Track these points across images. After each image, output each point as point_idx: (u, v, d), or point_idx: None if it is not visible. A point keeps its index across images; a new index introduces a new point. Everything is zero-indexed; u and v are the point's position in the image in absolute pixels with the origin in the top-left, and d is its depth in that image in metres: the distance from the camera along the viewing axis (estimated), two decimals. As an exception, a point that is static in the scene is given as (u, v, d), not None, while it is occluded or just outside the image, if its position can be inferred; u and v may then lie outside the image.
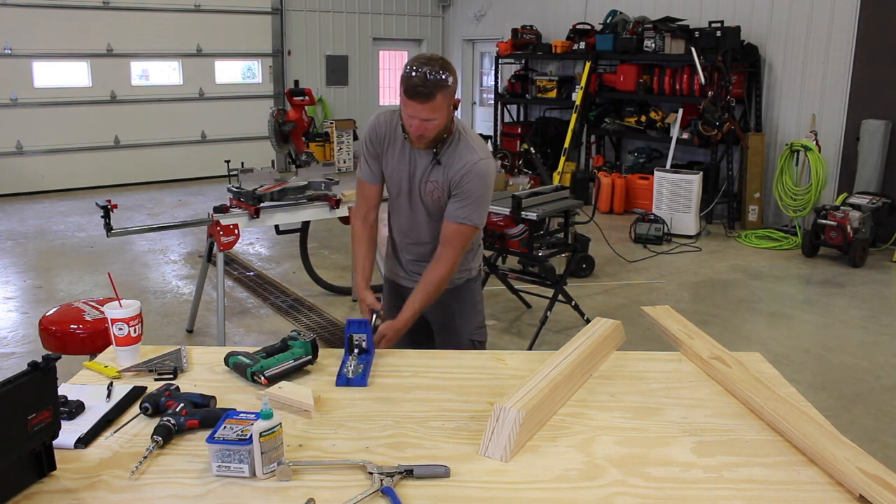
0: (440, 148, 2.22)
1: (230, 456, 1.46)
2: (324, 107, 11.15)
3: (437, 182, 2.25)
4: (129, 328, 1.97)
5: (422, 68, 2.02)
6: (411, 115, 2.08)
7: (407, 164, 2.29)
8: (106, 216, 3.93)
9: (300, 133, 4.75)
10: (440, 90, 2.03)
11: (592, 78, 8.77)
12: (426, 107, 2.04)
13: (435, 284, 2.29)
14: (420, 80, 2.01)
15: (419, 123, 2.09)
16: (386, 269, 2.63)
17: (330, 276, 5.62)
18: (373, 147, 2.34)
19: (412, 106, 2.05)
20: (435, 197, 2.28)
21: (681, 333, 2.16)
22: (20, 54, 8.76)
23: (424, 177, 2.27)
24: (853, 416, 3.64)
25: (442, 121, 2.11)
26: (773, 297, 5.52)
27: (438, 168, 2.24)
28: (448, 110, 2.11)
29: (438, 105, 2.05)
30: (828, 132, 7.13)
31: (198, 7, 9.85)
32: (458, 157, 2.22)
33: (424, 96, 2.02)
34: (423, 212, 2.34)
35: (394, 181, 2.35)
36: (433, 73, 2.02)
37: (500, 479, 1.48)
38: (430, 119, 2.08)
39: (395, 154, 2.31)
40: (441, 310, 2.45)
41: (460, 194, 2.22)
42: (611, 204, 8.32)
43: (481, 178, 2.22)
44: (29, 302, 5.26)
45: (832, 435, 1.59)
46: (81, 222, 7.61)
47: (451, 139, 2.23)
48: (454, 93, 2.11)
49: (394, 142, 2.30)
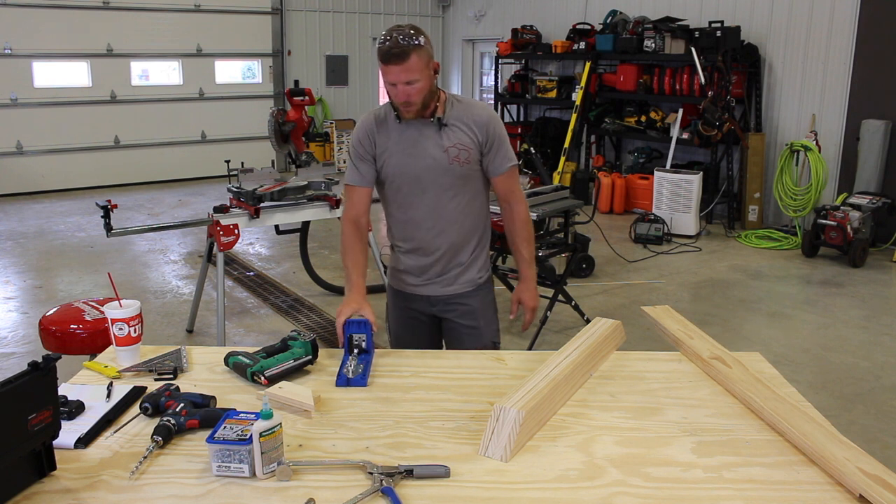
0: (438, 112, 2.20)
1: (230, 456, 1.46)
2: (324, 107, 11.15)
3: (461, 143, 2.21)
4: (129, 328, 1.97)
5: (392, 34, 2.05)
6: (392, 81, 2.08)
7: (411, 143, 2.22)
8: (106, 216, 3.93)
9: (300, 133, 4.76)
10: (414, 50, 2.04)
11: (592, 78, 8.77)
12: (403, 68, 2.04)
13: (526, 224, 2.35)
14: (393, 44, 2.03)
15: (402, 88, 2.08)
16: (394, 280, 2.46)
17: (330, 276, 5.62)
18: (362, 147, 2.28)
19: (391, 71, 2.06)
20: (462, 160, 2.22)
21: (681, 333, 2.16)
22: (20, 54, 8.76)
23: (441, 145, 2.20)
24: (853, 416, 3.64)
25: (425, 83, 2.10)
26: (773, 297, 5.52)
27: (449, 131, 2.20)
28: (427, 71, 2.10)
29: (415, 65, 2.05)
30: (828, 132, 7.13)
31: (198, 7, 9.85)
32: (468, 110, 2.23)
33: (399, 57, 2.03)
34: (451, 187, 2.24)
35: (399, 168, 2.25)
36: (404, 37, 2.04)
37: (500, 479, 1.48)
38: (411, 81, 2.07)
39: (392, 139, 2.24)
40: (465, 312, 2.39)
41: (493, 142, 2.24)
42: (611, 204, 8.32)
43: (498, 119, 2.28)
44: (29, 302, 5.26)
45: (832, 435, 1.58)
46: (81, 222, 7.61)
47: (448, 103, 2.22)
48: (430, 55, 2.10)
49: (383, 131, 2.25)
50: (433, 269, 2.35)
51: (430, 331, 2.45)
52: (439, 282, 2.36)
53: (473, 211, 2.33)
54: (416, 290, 2.40)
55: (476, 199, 2.33)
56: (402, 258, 2.39)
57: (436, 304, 2.40)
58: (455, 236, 2.31)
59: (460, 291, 2.37)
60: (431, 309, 2.41)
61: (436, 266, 2.34)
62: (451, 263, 2.34)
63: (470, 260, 2.36)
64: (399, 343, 2.47)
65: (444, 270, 2.35)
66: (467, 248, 2.35)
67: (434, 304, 2.40)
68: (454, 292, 2.37)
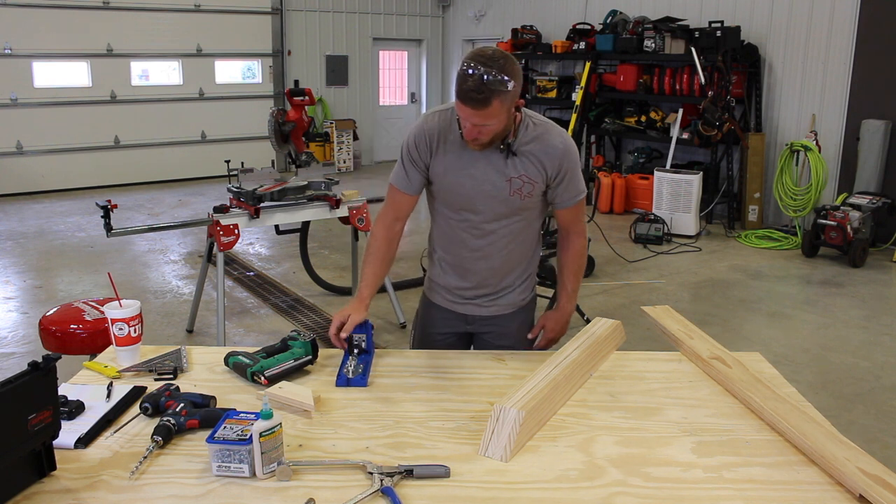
0: (510, 140, 1.98)
1: (230, 456, 1.46)
2: (324, 107, 11.15)
3: (527, 176, 2.00)
4: (129, 328, 1.96)
5: (479, 69, 1.76)
6: (464, 118, 1.88)
7: (472, 164, 2.02)
8: (106, 216, 3.93)
9: (300, 133, 4.75)
10: (497, 96, 1.77)
11: (592, 78, 8.77)
12: (480, 113, 1.81)
13: (580, 257, 2.23)
14: (475, 85, 1.76)
15: (472, 128, 1.88)
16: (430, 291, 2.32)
17: (330, 276, 5.62)
18: (417, 151, 2.06)
19: (465, 110, 1.83)
20: (524, 194, 2.02)
21: (681, 333, 2.16)
22: (20, 54, 8.76)
23: (505, 174, 2.00)
24: (853, 416, 3.64)
25: (499, 126, 1.89)
26: (773, 297, 5.52)
27: (522, 160, 2.00)
28: (507, 115, 1.87)
29: (494, 111, 1.81)
30: (828, 132, 7.13)
31: (198, 7, 9.85)
32: (546, 138, 2.01)
33: (479, 102, 1.78)
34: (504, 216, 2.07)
35: (454, 187, 2.05)
36: (491, 75, 1.76)
37: (500, 479, 1.48)
38: (484, 125, 1.86)
39: (453, 154, 2.03)
40: (502, 333, 2.24)
41: (565, 175, 2.03)
42: (611, 204, 8.32)
43: (573, 151, 2.07)
44: (29, 302, 5.26)
45: (832, 435, 1.58)
46: (81, 222, 7.61)
47: (523, 126, 2.00)
48: (516, 96, 1.85)
49: (446, 142, 2.03)
50: (472, 290, 2.21)
51: (460, 348, 2.30)
52: (479, 302, 2.22)
53: (525, 239, 2.17)
54: (453, 307, 2.26)
55: (530, 227, 2.16)
56: (440, 272, 2.24)
57: (472, 323, 2.26)
58: (499, 262, 2.15)
59: (500, 313, 2.23)
60: (466, 327, 2.28)
61: (475, 288, 2.20)
62: (492, 286, 2.20)
63: (515, 284, 2.22)
64: None
65: (485, 293, 2.21)
66: (512, 274, 2.20)
67: (470, 323, 2.27)
68: (494, 314, 2.23)
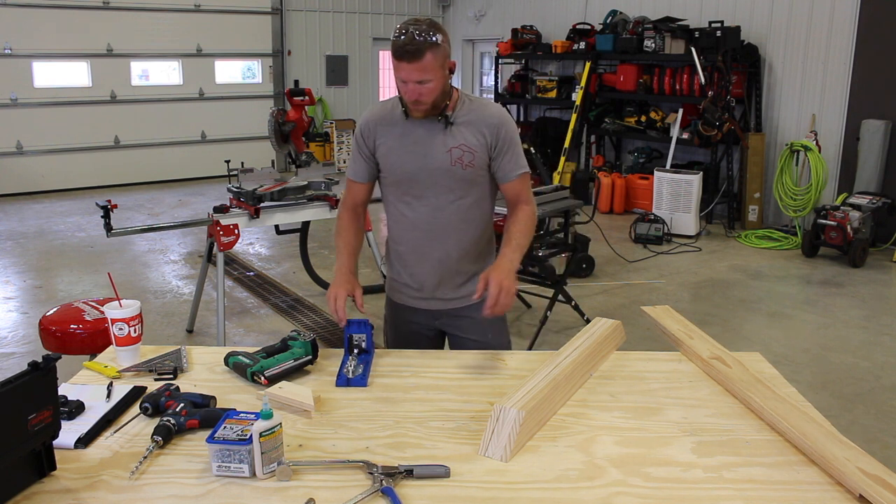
0: (447, 111, 2.08)
1: (230, 456, 1.46)
2: (324, 107, 11.15)
3: (466, 145, 2.08)
4: (129, 328, 1.96)
5: (408, 28, 1.93)
6: (404, 78, 1.97)
7: (413, 141, 2.11)
8: (106, 216, 3.93)
9: (300, 133, 4.76)
10: (429, 48, 1.92)
11: (592, 78, 8.77)
12: (416, 67, 1.93)
13: (530, 218, 2.16)
14: (408, 40, 1.91)
15: (413, 87, 1.97)
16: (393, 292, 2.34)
17: (330, 277, 5.58)
18: (363, 140, 2.18)
19: (403, 68, 1.95)
20: (465, 163, 2.09)
21: (681, 333, 2.16)
22: (20, 54, 8.76)
23: (445, 145, 2.09)
24: (853, 416, 3.64)
25: (437, 83, 1.98)
26: (773, 297, 5.52)
27: (456, 131, 2.08)
28: (442, 72, 1.98)
29: (429, 65, 1.93)
30: (828, 132, 7.13)
31: (198, 7, 9.85)
32: (480, 111, 2.11)
33: (413, 55, 1.91)
34: (450, 190, 2.12)
35: (398, 166, 2.14)
36: (421, 33, 1.91)
37: (500, 479, 1.48)
38: (423, 81, 1.96)
39: (394, 136, 2.13)
40: (471, 326, 2.25)
41: (504, 145, 2.11)
42: (611, 204, 8.32)
43: (510, 122, 2.14)
44: (29, 302, 5.26)
45: (832, 435, 1.58)
46: (81, 222, 7.61)
47: (460, 102, 2.11)
48: (447, 54, 1.98)
49: (387, 126, 2.14)
50: (431, 279, 2.21)
51: (434, 346, 2.31)
52: (441, 294, 2.23)
53: (476, 217, 2.19)
54: (417, 304, 2.27)
55: (479, 206, 2.19)
56: (400, 268, 2.27)
57: (439, 318, 2.27)
58: (453, 244, 2.17)
59: (466, 304, 2.22)
60: (435, 322, 2.28)
61: (433, 276, 2.21)
62: (451, 273, 2.20)
63: (475, 270, 2.19)
64: None
65: (444, 281, 2.21)
66: (467, 259, 2.21)
67: (437, 318, 2.27)
68: (459, 305, 2.23)
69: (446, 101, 2.08)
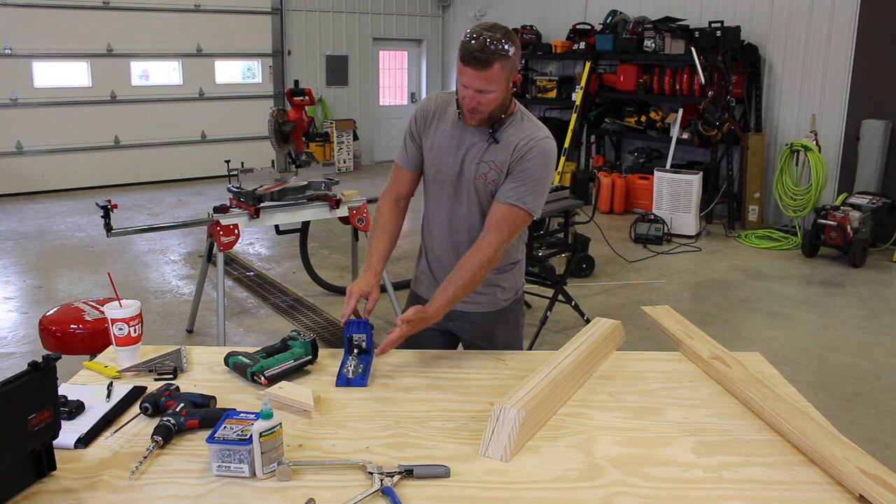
0: (498, 126, 2.03)
1: (230, 456, 1.46)
2: (324, 107, 11.15)
3: (494, 163, 2.03)
4: (129, 328, 1.96)
5: (482, 34, 1.87)
6: (466, 84, 1.92)
7: (456, 143, 2.07)
8: (106, 216, 3.93)
9: (300, 133, 4.75)
10: (499, 59, 1.87)
11: (592, 78, 8.78)
12: (482, 75, 1.88)
13: (472, 272, 1.99)
14: (479, 46, 1.86)
15: (473, 94, 1.93)
16: (414, 283, 2.35)
17: (330, 276, 5.62)
18: (416, 126, 2.15)
19: (467, 73, 1.90)
20: (489, 180, 2.04)
21: (681, 333, 2.16)
22: (20, 54, 8.76)
23: (478, 157, 2.04)
24: (853, 416, 3.64)
25: (499, 95, 1.93)
26: (773, 297, 5.52)
27: (495, 147, 2.03)
28: (506, 84, 1.93)
29: (495, 75, 1.88)
30: (828, 132, 7.13)
31: (198, 7, 9.85)
32: (521, 131, 2.03)
33: (480, 62, 1.86)
34: (468, 202, 2.09)
35: (436, 164, 2.11)
36: (494, 41, 1.86)
37: (500, 479, 1.48)
38: (485, 90, 1.91)
39: (443, 132, 2.10)
40: (482, 334, 2.23)
41: (520, 171, 2.01)
42: (611, 204, 8.32)
43: (544, 157, 2.02)
44: (29, 302, 5.26)
45: (832, 435, 1.58)
46: (81, 222, 7.61)
47: (513, 118, 2.05)
48: (515, 67, 1.93)
49: (441, 120, 2.11)
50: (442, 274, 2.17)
51: (446, 347, 2.27)
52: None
53: None
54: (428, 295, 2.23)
55: None
56: (424, 261, 2.28)
57: (453, 319, 2.21)
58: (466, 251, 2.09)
59: (480, 311, 2.20)
60: (448, 324, 2.22)
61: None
62: None
63: (490, 278, 2.13)
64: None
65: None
66: None
67: (451, 319, 2.20)
68: (471, 310, 2.20)
69: (502, 114, 2.02)
